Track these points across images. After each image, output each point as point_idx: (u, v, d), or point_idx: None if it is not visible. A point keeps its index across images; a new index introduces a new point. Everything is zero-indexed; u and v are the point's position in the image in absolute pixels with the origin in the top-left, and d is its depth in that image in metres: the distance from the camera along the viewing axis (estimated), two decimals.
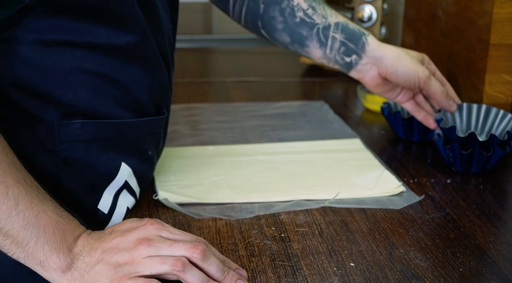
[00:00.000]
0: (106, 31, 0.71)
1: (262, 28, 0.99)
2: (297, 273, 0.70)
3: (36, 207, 0.64)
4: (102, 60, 0.72)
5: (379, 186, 0.90)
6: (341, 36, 0.95)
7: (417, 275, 0.70)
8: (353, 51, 0.95)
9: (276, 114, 1.21)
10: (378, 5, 1.45)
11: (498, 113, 0.99)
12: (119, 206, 0.79)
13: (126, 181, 0.78)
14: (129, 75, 0.75)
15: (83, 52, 0.71)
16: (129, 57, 0.74)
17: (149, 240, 0.65)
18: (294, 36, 0.97)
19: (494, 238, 0.78)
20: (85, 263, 0.65)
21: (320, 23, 0.95)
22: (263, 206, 0.85)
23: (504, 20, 1.01)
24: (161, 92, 0.81)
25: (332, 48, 0.96)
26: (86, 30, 0.70)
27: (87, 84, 0.72)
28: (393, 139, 1.10)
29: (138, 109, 0.78)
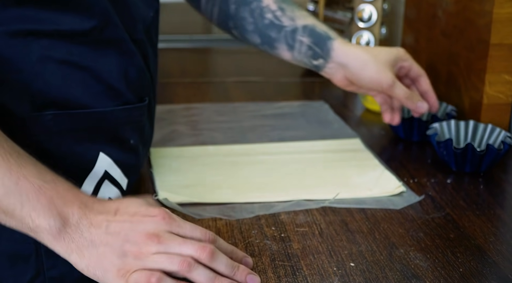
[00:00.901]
0: (70, 18, 0.71)
1: (233, 28, 0.99)
2: (297, 273, 0.70)
3: (16, 173, 0.62)
4: (69, 48, 0.72)
5: (379, 186, 0.90)
6: (308, 40, 0.95)
7: (417, 275, 0.70)
8: (319, 55, 0.95)
9: (276, 114, 1.21)
10: (378, 5, 1.45)
11: (486, 128, 0.99)
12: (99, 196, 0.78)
13: (106, 171, 0.78)
14: (100, 62, 0.75)
15: (49, 41, 0.70)
16: (97, 43, 0.74)
17: (159, 236, 0.64)
18: (263, 38, 0.97)
19: (494, 238, 0.78)
20: (84, 238, 0.64)
21: (288, 26, 0.95)
22: (263, 206, 0.85)
23: (504, 20, 1.01)
24: (139, 79, 0.80)
25: (300, 51, 0.95)
26: (50, 18, 0.70)
27: (55, 74, 0.71)
28: (393, 139, 1.10)
29: (116, 97, 0.77)
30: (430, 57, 1.25)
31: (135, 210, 0.66)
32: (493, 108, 1.06)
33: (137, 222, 0.65)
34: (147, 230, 0.64)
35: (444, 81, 1.19)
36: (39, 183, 0.63)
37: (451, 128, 1.01)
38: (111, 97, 0.77)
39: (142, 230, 0.64)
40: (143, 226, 0.65)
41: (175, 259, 0.63)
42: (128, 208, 0.66)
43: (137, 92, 0.80)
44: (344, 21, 1.49)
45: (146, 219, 0.65)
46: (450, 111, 1.07)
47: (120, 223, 0.65)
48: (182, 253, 0.64)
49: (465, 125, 1.01)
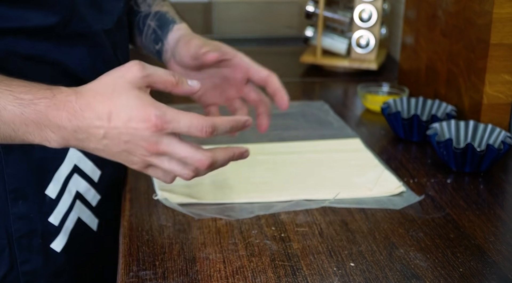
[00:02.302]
0: (34, 14, 0.71)
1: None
2: (297, 273, 0.70)
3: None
4: (34, 43, 0.72)
5: (379, 186, 0.90)
6: (154, 24, 0.91)
7: (417, 275, 0.70)
8: (160, 38, 0.91)
9: (276, 114, 1.21)
10: (378, 5, 1.45)
11: (486, 128, 0.99)
12: (68, 191, 0.79)
13: (75, 165, 0.79)
14: (67, 55, 0.75)
15: (14, 38, 0.71)
16: (63, 37, 0.74)
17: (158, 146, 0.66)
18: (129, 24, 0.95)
19: (494, 238, 0.78)
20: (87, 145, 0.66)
21: (143, 11, 0.93)
22: (263, 206, 0.85)
23: (504, 20, 1.01)
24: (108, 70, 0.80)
25: (147, 35, 0.92)
26: (14, 15, 0.70)
27: (20, 69, 0.72)
28: (393, 139, 1.10)
29: None
30: (430, 57, 1.25)
31: (129, 115, 0.65)
32: (493, 108, 1.06)
33: (133, 131, 0.65)
34: (145, 139, 0.65)
35: (444, 81, 1.19)
36: (20, 110, 0.64)
37: (451, 128, 1.01)
38: None
39: (140, 139, 0.65)
40: (140, 135, 0.65)
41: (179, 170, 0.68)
42: (121, 112, 0.65)
43: None
44: (344, 21, 1.50)
45: (141, 127, 0.65)
46: (450, 111, 1.07)
47: (117, 133, 0.65)
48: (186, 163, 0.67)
49: (465, 125, 1.01)
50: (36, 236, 0.79)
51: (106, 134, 0.65)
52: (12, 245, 0.77)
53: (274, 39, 1.82)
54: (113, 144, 0.66)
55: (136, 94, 0.65)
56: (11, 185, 0.75)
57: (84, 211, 0.84)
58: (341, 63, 1.50)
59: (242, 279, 0.69)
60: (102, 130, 0.65)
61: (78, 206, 0.83)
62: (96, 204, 0.86)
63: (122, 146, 0.66)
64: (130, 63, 0.67)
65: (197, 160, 0.67)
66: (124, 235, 0.78)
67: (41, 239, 0.79)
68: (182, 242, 0.76)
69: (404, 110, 1.13)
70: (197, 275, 0.70)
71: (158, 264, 0.72)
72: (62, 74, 0.75)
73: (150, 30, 0.92)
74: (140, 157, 0.67)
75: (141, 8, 0.94)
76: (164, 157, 0.67)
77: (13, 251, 0.77)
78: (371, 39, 1.47)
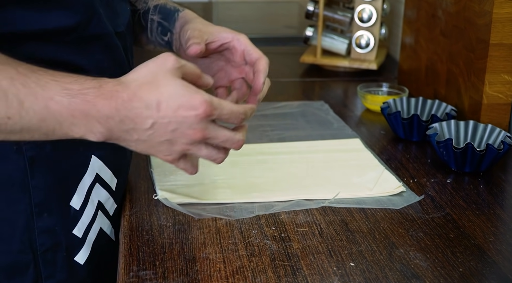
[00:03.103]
0: (55, 15, 0.70)
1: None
2: (297, 273, 0.70)
3: (41, 97, 0.61)
4: (56, 47, 0.71)
5: (379, 186, 0.90)
6: (158, 17, 0.91)
7: (417, 275, 0.70)
8: (168, 29, 0.91)
9: (276, 114, 1.21)
10: (378, 5, 1.45)
11: (486, 128, 0.99)
12: (91, 201, 0.78)
13: (97, 174, 0.78)
14: (86, 57, 0.74)
15: (35, 42, 0.70)
16: (83, 39, 0.73)
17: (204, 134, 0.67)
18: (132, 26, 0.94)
19: (494, 238, 0.78)
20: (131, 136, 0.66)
21: (141, 9, 0.93)
22: (263, 206, 0.85)
23: (504, 20, 1.01)
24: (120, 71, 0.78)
25: (152, 30, 0.92)
26: (34, 18, 0.69)
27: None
28: (393, 139, 1.10)
29: None
30: (430, 57, 1.25)
31: (177, 103, 0.65)
32: (493, 108, 1.06)
33: (182, 119, 0.66)
34: (192, 127, 0.66)
35: (444, 81, 1.19)
36: (67, 100, 0.62)
37: (451, 128, 1.01)
38: None
39: (188, 127, 0.66)
40: (188, 123, 0.66)
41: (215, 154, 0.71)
42: (170, 101, 0.65)
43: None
44: (344, 21, 1.50)
45: (190, 114, 0.66)
46: (450, 111, 1.07)
47: (166, 123, 0.65)
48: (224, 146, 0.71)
49: (465, 125, 1.01)
50: (61, 250, 0.76)
51: (154, 124, 0.65)
52: (37, 260, 0.74)
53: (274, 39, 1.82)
54: (159, 133, 0.66)
55: (181, 82, 0.66)
56: (37, 198, 0.73)
57: (104, 221, 0.82)
58: (341, 63, 1.50)
59: (242, 279, 0.69)
60: (151, 120, 0.65)
61: (100, 216, 0.81)
62: (113, 213, 0.84)
63: (167, 135, 0.66)
64: (164, 54, 0.68)
65: (237, 140, 0.71)
66: (124, 235, 0.78)
67: (66, 252, 0.77)
68: (182, 242, 0.76)
69: (404, 110, 1.13)
70: (197, 275, 0.70)
71: (158, 264, 0.72)
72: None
73: (154, 24, 0.92)
74: (182, 145, 0.68)
75: (137, 6, 0.93)
76: (202, 144, 0.69)
77: (38, 266, 0.75)
78: (371, 39, 1.47)
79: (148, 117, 0.65)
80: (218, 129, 0.69)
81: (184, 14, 0.90)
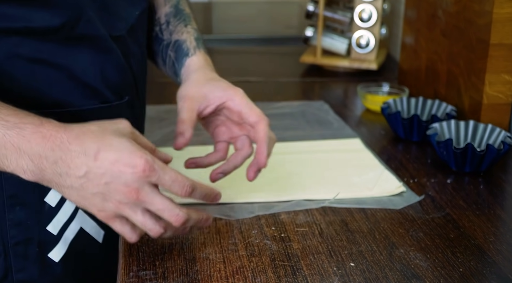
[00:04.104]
0: (40, 14, 0.69)
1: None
2: (297, 273, 0.70)
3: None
4: (39, 45, 0.70)
5: (379, 186, 0.90)
6: (173, 55, 0.89)
7: (417, 275, 0.70)
8: (178, 72, 0.88)
9: (276, 114, 1.21)
10: (378, 5, 1.45)
11: (486, 128, 0.99)
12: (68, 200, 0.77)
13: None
14: (72, 59, 0.73)
15: (18, 38, 0.69)
16: (69, 40, 0.72)
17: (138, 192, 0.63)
18: (150, 51, 0.93)
19: (494, 238, 0.78)
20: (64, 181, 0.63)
21: (165, 40, 0.90)
22: (263, 206, 0.85)
23: (504, 20, 1.01)
24: (118, 77, 0.79)
25: (168, 66, 0.90)
26: (19, 15, 0.68)
27: (24, 72, 0.70)
28: (393, 139, 1.10)
29: (93, 96, 0.76)
30: (430, 57, 1.25)
31: (116, 157, 0.62)
32: (493, 108, 1.06)
33: (117, 173, 0.62)
34: (127, 184, 0.62)
35: (444, 81, 1.19)
36: (1, 132, 0.61)
37: (451, 128, 1.01)
38: (88, 96, 0.75)
39: (122, 183, 0.62)
40: (123, 179, 0.62)
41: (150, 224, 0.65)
42: (109, 153, 0.62)
43: (117, 91, 0.79)
44: (344, 21, 1.50)
45: (127, 170, 0.62)
46: (450, 111, 1.07)
47: (100, 174, 0.62)
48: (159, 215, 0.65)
49: (465, 125, 1.01)
50: (32, 244, 0.77)
51: (87, 173, 0.62)
52: (8, 252, 0.75)
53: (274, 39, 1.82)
54: (92, 184, 0.62)
55: (127, 139, 0.64)
56: (9, 190, 0.74)
57: (87, 222, 0.81)
58: (341, 63, 1.50)
59: (242, 279, 0.69)
60: (85, 167, 0.62)
61: (80, 216, 0.80)
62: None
63: (100, 187, 0.63)
64: (119, 119, 0.67)
65: (175, 214, 0.65)
66: None
67: (38, 247, 0.77)
68: (182, 242, 0.76)
69: (404, 110, 1.13)
70: (197, 275, 0.70)
71: (158, 264, 0.72)
72: (67, 78, 0.74)
73: (170, 61, 0.90)
74: (115, 203, 0.63)
75: (164, 36, 0.91)
76: (138, 208, 0.65)
77: (8, 258, 0.75)
78: (371, 39, 1.47)
79: (83, 164, 0.62)
80: (156, 195, 0.64)
81: (189, 62, 0.86)
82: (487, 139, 0.99)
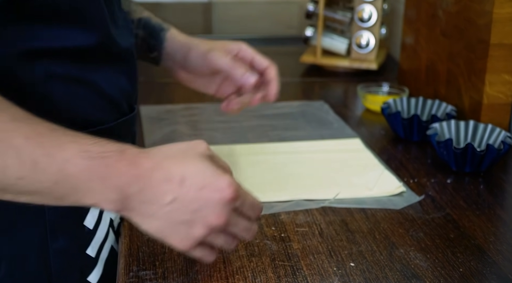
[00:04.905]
0: (76, 33, 0.68)
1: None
2: (297, 273, 0.70)
3: (57, 158, 0.57)
4: (72, 64, 0.69)
5: (379, 186, 0.90)
6: (143, 33, 0.92)
7: (417, 275, 0.70)
8: (154, 48, 0.92)
9: (276, 114, 1.21)
10: (378, 5, 1.45)
11: (486, 128, 0.99)
12: (104, 219, 0.77)
13: None
14: (100, 75, 0.73)
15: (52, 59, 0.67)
16: (97, 56, 0.72)
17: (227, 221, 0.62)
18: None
19: (494, 238, 0.78)
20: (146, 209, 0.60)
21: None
22: (263, 206, 0.85)
23: (504, 20, 1.01)
24: (131, 86, 0.79)
25: (137, 45, 0.89)
26: (53, 34, 0.66)
27: (62, 92, 0.69)
28: (393, 139, 1.10)
29: (116, 110, 0.76)
30: (430, 57, 1.25)
31: (203, 182, 0.60)
32: (493, 108, 1.06)
33: (206, 200, 0.60)
34: (215, 210, 0.60)
35: (444, 81, 1.19)
36: (85, 163, 0.57)
37: (451, 128, 1.01)
38: (113, 111, 0.75)
39: (211, 209, 0.60)
40: (212, 205, 0.60)
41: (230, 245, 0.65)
42: (195, 178, 0.60)
43: (128, 102, 0.79)
44: (344, 21, 1.49)
45: (215, 196, 0.60)
46: (450, 111, 1.07)
47: (188, 201, 0.60)
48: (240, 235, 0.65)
49: (465, 125, 1.01)
50: (74, 271, 0.74)
51: (174, 200, 0.59)
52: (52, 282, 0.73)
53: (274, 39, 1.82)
54: (179, 212, 0.60)
55: (210, 163, 0.61)
56: (51, 220, 0.71)
57: (113, 239, 0.80)
58: (341, 63, 1.50)
59: (242, 279, 0.69)
60: (172, 194, 0.59)
61: (111, 234, 0.79)
62: (117, 228, 0.82)
63: (187, 215, 0.60)
64: (196, 140, 0.64)
65: (253, 231, 0.66)
66: (124, 235, 0.78)
67: (80, 272, 0.75)
68: None
69: (404, 110, 1.13)
70: (197, 275, 0.70)
71: (158, 264, 0.72)
72: (97, 94, 0.72)
73: (139, 39, 0.91)
74: (201, 230, 0.61)
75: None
76: (221, 232, 0.64)
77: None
78: (371, 39, 1.47)
79: (169, 191, 0.59)
80: (239, 218, 0.64)
81: (171, 35, 0.92)
82: (487, 139, 0.99)
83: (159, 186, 0.59)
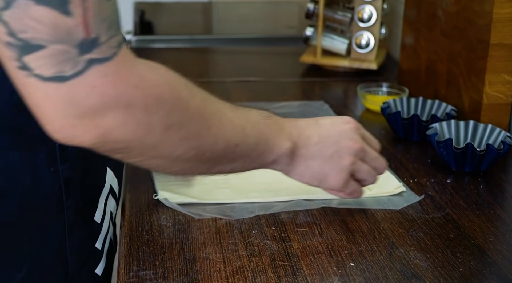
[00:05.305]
0: None
1: None
2: (297, 273, 0.70)
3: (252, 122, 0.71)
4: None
5: (379, 186, 0.90)
6: None
7: (417, 275, 0.70)
8: None
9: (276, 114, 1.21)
10: (378, 5, 1.45)
11: (486, 128, 0.99)
12: (106, 213, 0.78)
13: (110, 185, 0.78)
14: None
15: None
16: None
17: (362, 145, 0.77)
18: None
19: (494, 238, 0.78)
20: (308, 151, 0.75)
21: None
22: (263, 206, 0.85)
23: (504, 20, 1.01)
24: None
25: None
26: None
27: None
28: (393, 139, 1.10)
29: None
30: (430, 57, 1.25)
31: (331, 120, 0.78)
32: (493, 108, 1.06)
33: (339, 131, 0.76)
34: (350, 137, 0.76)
35: (444, 81, 1.19)
36: (268, 122, 0.72)
37: (451, 128, 1.01)
38: None
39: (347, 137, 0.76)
40: (345, 134, 0.76)
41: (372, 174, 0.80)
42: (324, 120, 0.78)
43: None
44: (344, 21, 1.49)
45: (345, 127, 0.77)
46: (450, 111, 1.07)
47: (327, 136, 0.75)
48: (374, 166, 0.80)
49: (465, 125, 1.01)
50: (86, 265, 0.76)
51: (320, 138, 0.75)
52: (68, 281, 0.73)
53: (274, 39, 1.82)
54: (326, 146, 0.75)
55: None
56: (70, 218, 0.72)
57: (112, 230, 0.82)
58: (341, 63, 1.50)
59: (242, 279, 0.69)
60: (316, 134, 0.75)
61: (110, 226, 0.81)
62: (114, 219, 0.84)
63: (333, 147, 0.75)
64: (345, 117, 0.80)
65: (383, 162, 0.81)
66: (124, 235, 0.78)
67: (90, 267, 0.76)
68: (182, 242, 0.76)
69: (404, 110, 1.13)
70: (197, 275, 0.70)
71: (158, 264, 0.72)
72: None
73: None
74: (348, 158, 0.75)
75: None
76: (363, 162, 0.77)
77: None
78: (371, 39, 1.47)
79: (314, 133, 0.75)
80: (366, 145, 0.78)
81: None
82: (487, 139, 0.99)
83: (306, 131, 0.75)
